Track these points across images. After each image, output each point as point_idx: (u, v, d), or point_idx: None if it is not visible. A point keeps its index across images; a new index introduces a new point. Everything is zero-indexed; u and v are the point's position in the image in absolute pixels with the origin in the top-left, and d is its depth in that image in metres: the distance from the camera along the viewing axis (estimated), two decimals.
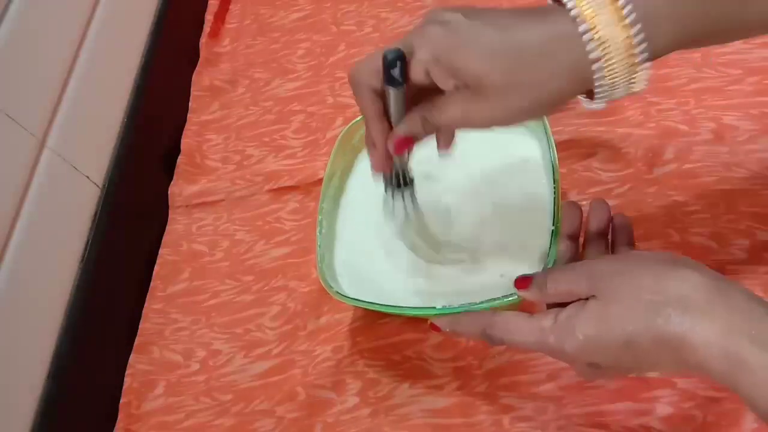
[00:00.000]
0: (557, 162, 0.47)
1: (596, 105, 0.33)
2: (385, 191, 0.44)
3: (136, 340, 0.56)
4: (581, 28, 0.30)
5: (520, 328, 0.36)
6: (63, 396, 0.50)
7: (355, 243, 0.51)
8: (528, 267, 0.43)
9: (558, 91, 0.32)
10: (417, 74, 0.34)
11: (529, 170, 0.50)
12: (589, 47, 0.30)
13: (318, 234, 0.49)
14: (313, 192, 0.59)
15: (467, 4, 0.34)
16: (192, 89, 0.72)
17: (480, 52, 0.32)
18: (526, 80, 0.32)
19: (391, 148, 0.38)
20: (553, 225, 0.44)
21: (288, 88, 0.68)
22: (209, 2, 0.78)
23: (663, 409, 0.42)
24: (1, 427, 0.46)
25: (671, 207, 0.50)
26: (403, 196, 0.44)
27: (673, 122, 0.54)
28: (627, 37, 0.30)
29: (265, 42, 0.73)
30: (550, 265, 0.42)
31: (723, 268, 0.46)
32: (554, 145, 0.47)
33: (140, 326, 0.57)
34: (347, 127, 0.54)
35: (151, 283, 0.59)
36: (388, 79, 0.35)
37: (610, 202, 0.51)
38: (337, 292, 0.45)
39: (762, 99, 0.53)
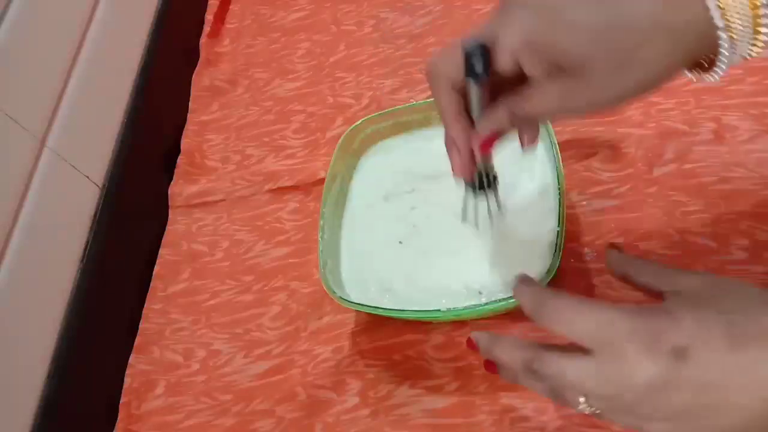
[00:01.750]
0: (560, 163, 0.47)
1: (712, 77, 0.30)
2: (466, 193, 0.41)
3: (136, 340, 0.56)
4: None
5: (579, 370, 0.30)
6: (63, 396, 0.50)
7: (357, 247, 0.51)
8: (539, 264, 0.43)
9: (672, 64, 0.29)
10: (504, 63, 0.31)
11: (535, 168, 0.50)
12: (713, 13, 0.27)
13: (320, 239, 0.49)
14: (313, 192, 0.59)
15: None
16: (192, 89, 0.72)
17: (582, 32, 0.29)
18: (637, 57, 0.28)
19: (476, 147, 0.35)
20: (558, 226, 0.44)
21: (288, 88, 0.68)
22: (209, 2, 0.78)
23: None
24: (1, 427, 0.46)
25: (671, 207, 0.50)
26: (487, 197, 0.41)
27: (672, 122, 0.54)
28: None
29: (265, 42, 0.73)
30: (551, 262, 0.42)
31: (723, 268, 0.46)
32: (557, 146, 0.48)
33: (140, 326, 0.57)
34: (348, 130, 0.54)
35: (151, 283, 0.59)
36: (471, 72, 0.32)
37: (610, 202, 0.51)
38: (341, 298, 0.45)
39: (762, 99, 0.53)
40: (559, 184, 0.46)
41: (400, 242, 0.50)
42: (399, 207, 0.52)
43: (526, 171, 0.50)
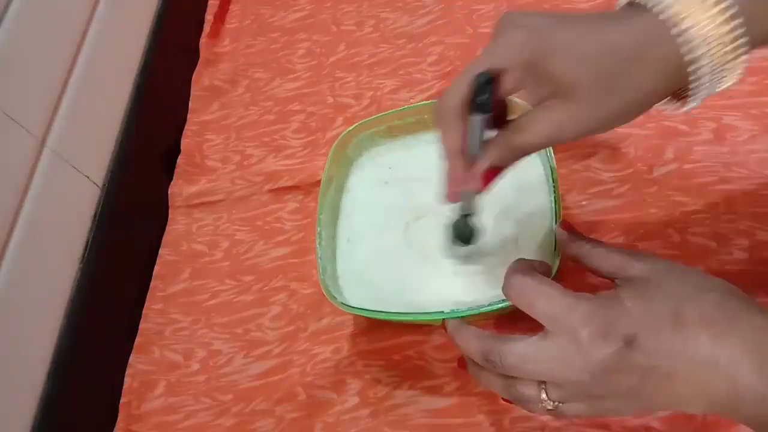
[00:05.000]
0: (554, 164, 0.47)
1: (687, 107, 0.33)
2: (453, 241, 0.45)
3: (136, 340, 0.56)
4: (674, 31, 0.29)
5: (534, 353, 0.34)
6: (63, 396, 0.50)
7: (355, 251, 0.51)
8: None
9: (653, 93, 0.31)
10: (509, 90, 0.32)
11: (526, 164, 0.50)
12: (684, 49, 0.30)
13: (318, 245, 0.49)
14: (313, 192, 0.59)
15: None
16: (192, 89, 0.72)
17: (575, 56, 0.30)
18: (623, 84, 0.31)
19: (476, 184, 0.36)
20: (555, 224, 0.44)
21: (288, 88, 0.68)
22: (209, 2, 0.78)
23: None
24: (1, 427, 0.46)
25: (671, 207, 0.50)
26: (469, 224, 0.44)
27: (672, 122, 0.54)
28: (725, 33, 0.29)
29: (265, 42, 0.73)
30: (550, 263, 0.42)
31: (723, 268, 0.46)
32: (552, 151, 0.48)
33: (140, 326, 0.57)
34: (340, 137, 0.53)
35: (151, 283, 0.59)
36: (478, 106, 0.32)
37: (610, 202, 0.51)
38: (342, 303, 0.45)
39: (762, 99, 0.53)
40: (553, 182, 0.46)
41: (397, 248, 0.50)
42: (395, 212, 0.52)
43: (522, 172, 0.50)
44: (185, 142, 0.67)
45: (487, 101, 0.32)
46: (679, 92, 0.33)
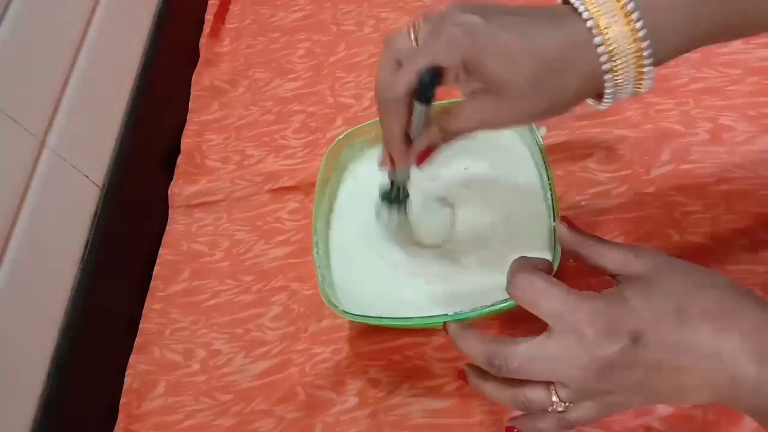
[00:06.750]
0: (545, 152, 0.48)
1: (602, 106, 0.35)
2: (381, 200, 0.47)
3: (136, 340, 0.56)
4: (596, 40, 0.32)
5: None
6: (63, 396, 0.50)
7: (352, 258, 0.51)
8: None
9: (575, 94, 0.34)
10: (447, 82, 0.35)
11: (519, 165, 0.50)
12: (602, 59, 0.32)
13: (315, 255, 0.48)
14: (313, 192, 0.59)
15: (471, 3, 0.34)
16: (192, 89, 0.72)
17: (504, 57, 0.33)
18: (548, 87, 0.33)
19: (412, 161, 0.39)
20: (553, 222, 0.44)
21: (288, 88, 0.68)
22: (209, 2, 0.78)
23: (663, 408, 0.42)
24: (1, 426, 0.46)
25: (670, 207, 0.50)
26: (398, 209, 0.47)
27: (670, 123, 0.54)
28: (638, 49, 0.32)
29: (265, 42, 0.73)
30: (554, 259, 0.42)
31: (723, 268, 0.46)
32: (541, 141, 0.48)
33: (140, 326, 0.57)
34: (332, 144, 0.53)
35: (151, 283, 0.59)
36: (423, 97, 0.35)
37: (609, 203, 0.51)
38: (344, 311, 0.45)
39: (760, 99, 0.53)
40: (549, 181, 0.46)
41: (394, 252, 0.50)
42: (390, 217, 0.52)
43: (519, 172, 0.50)
44: (185, 142, 0.67)
45: (432, 93, 0.35)
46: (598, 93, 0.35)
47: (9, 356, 0.48)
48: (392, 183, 0.45)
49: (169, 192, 0.64)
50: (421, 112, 0.36)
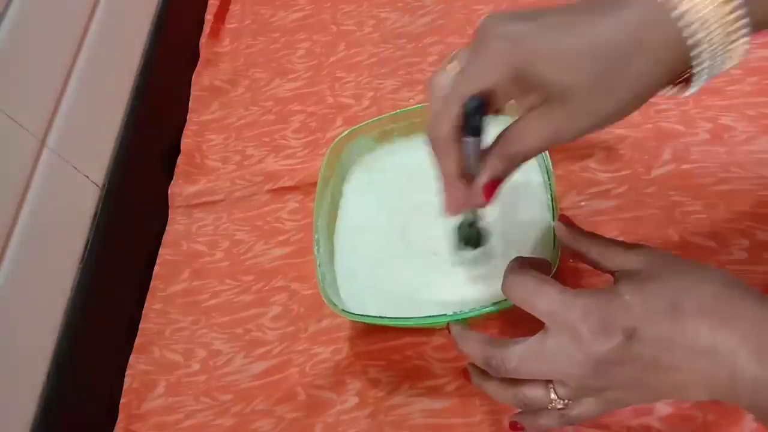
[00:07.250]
0: (549, 162, 0.47)
1: (689, 91, 0.32)
2: (464, 244, 0.45)
3: (136, 340, 0.56)
4: (674, 14, 0.28)
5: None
6: (63, 396, 0.50)
7: (353, 256, 0.51)
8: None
9: (656, 83, 0.30)
10: (499, 105, 0.32)
11: (523, 169, 0.50)
12: (686, 32, 0.28)
13: (316, 253, 0.48)
14: (313, 192, 0.59)
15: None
16: (192, 89, 0.72)
17: (561, 58, 0.29)
18: (621, 80, 0.29)
19: (479, 198, 0.35)
20: (553, 219, 0.44)
21: (288, 88, 0.68)
22: (209, 2, 0.78)
23: (663, 408, 0.42)
24: (1, 426, 0.46)
25: (670, 207, 0.50)
26: (475, 228, 0.44)
27: (670, 123, 0.54)
28: (726, 13, 0.28)
29: (265, 42, 0.73)
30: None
31: (723, 268, 0.46)
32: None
33: (140, 326, 0.57)
34: (334, 143, 0.53)
35: (151, 283, 0.59)
36: (471, 130, 0.32)
37: (609, 203, 0.51)
38: (343, 310, 0.45)
39: (760, 99, 0.53)
40: (549, 180, 0.47)
41: (396, 252, 0.50)
42: (392, 216, 0.52)
43: (519, 172, 0.50)
44: (185, 142, 0.67)
45: (481, 123, 0.32)
46: (681, 76, 0.31)
47: (9, 356, 0.48)
48: (469, 226, 0.43)
49: (169, 192, 0.64)
50: (473, 146, 0.33)
